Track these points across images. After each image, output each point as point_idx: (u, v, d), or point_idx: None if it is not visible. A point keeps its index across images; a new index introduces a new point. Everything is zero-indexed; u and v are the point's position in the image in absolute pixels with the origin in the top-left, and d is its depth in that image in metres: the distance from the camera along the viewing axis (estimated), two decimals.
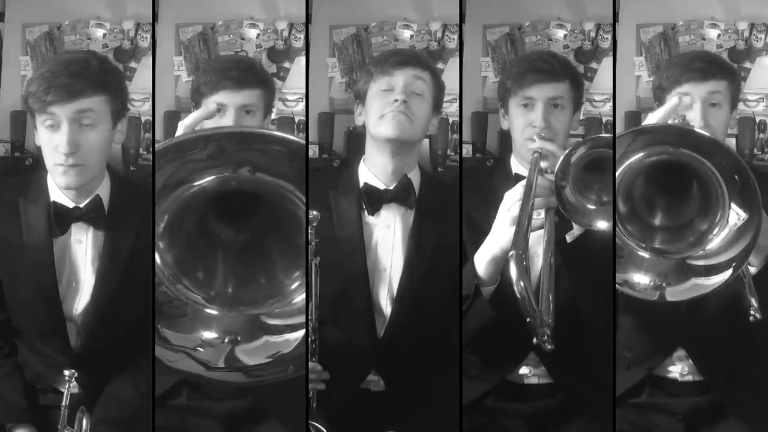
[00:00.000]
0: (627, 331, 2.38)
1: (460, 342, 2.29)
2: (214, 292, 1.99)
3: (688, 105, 2.27)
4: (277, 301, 1.99)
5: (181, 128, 2.16)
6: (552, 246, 2.12)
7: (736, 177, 2.03)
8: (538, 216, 2.15)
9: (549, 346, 1.90)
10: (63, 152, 2.20)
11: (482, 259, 2.20)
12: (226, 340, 1.95)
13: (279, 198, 1.91)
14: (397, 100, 2.35)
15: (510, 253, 1.92)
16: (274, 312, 1.98)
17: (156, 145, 2.41)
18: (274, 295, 1.99)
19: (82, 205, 2.30)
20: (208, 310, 1.97)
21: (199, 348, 1.94)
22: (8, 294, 2.33)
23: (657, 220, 2.22)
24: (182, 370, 1.95)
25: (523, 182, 2.16)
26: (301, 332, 1.97)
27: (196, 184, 1.89)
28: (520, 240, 1.98)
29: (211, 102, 2.38)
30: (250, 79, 2.41)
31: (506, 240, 2.13)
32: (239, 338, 1.95)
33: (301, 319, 1.98)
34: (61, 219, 2.30)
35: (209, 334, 1.95)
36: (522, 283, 1.87)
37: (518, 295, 1.87)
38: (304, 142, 1.91)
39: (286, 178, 1.88)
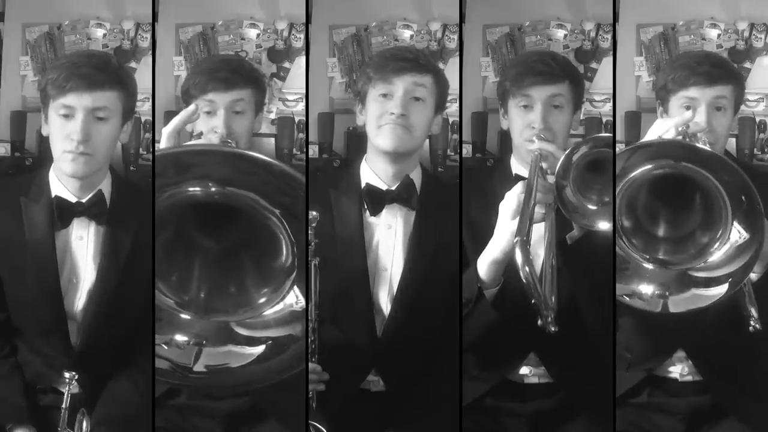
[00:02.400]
0: (627, 334, 2.38)
1: (460, 342, 2.29)
2: (187, 297, 2.03)
3: (691, 117, 2.27)
4: (245, 311, 2.02)
5: (164, 135, 2.20)
6: (554, 235, 2.16)
7: (743, 198, 2.02)
8: (540, 211, 2.16)
9: (553, 328, 1.97)
10: (76, 139, 2.23)
11: (484, 262, 2.20)
12: (192, 343, 1.99)
13: (255, 213, 1.93)
14: (394, 114, 2.34)
15: (515, 239, 1.99)
16: (245, 321, 2.01)
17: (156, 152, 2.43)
18: (244, 304, 2.02)
19: (84, 200, 2.32)
20: (183, 316, 2.01)
21: (164, 345, 1.98)
22: (9, 292, 2.33)
23: (660, 231, 2.22)
24: (162, 369, 1.99)
25: (524, 181, 2.18)
26: (260, 348, 1.99)
27: (169, 195, 1.92)
28: (524, 227, 2.03)
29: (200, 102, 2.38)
30: (238, 79, 2.40)
31: (506, 241, 2.14)
32: (205, 342, 1.99)
33: (267, 333, 2.00)
34: (63, 213, 2.31)
35: (180, 337, 2.00)
36: (527, 269, 1.94)
37: (523, 279, 1.94)
38: (279, 164, 1.93)
39: (259, 192, 1.90)
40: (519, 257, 1.95)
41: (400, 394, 2.40)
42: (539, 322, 1.98)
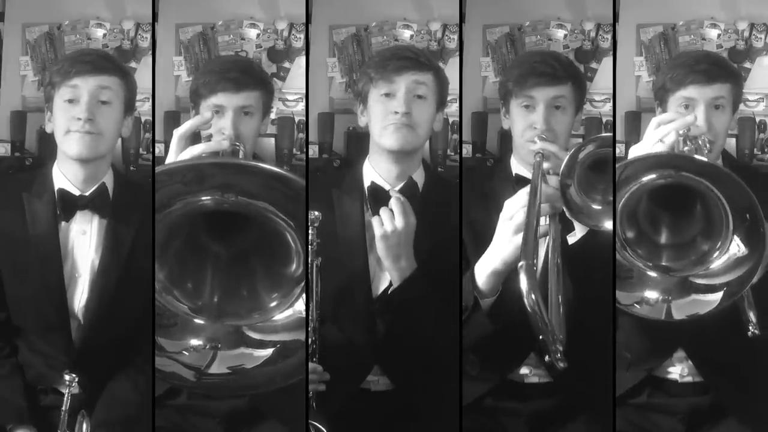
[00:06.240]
0: (627, 335, 2.38)
1: (460, 342, 2.29)
2: (201, 302, 2.06)
3: (693, 121, 2.27)
4: (258, 314, 2.04)
5: (176, 136, 2.23)
6: (558, 253, 2.05)
7: (748, 216, 2.02)
8: (544, 223, 2.11)
9: (561, 364, 1.83)
10: (82, 117, 2.30)
11: (483, 272, 2.17)
12: (208, 347, 2.02)
13: (267, 220, 1.95)
14: (397, 113, 2.35)
15: (519, 264, 1.79)
16: (256, 326, 2.03)
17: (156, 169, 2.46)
18: (256, 308, 2.05)
19: (87, 193, 2.35)
20: (196, 320, 2.04)
21: (184, 352, 2.02)
22: (10, 291, 2.35)
23: (662, 238, 2.22)
24: (175, 373, 2.02)
25: (526, 189, 2.11)
26: (270, 350, 2.02)
27: (180, 205, 1.94)
28: (529, 249, 1.85)
29: (209, 104, 2.38)
30: (248, 80, 2.41)
31: (508, 252, 2.10)
32: (220, 345, 2.02)
33: (277, 337, 2.03)
34: (66, 206, 2.35)
35: (195, 341, 2.03)
36: (533, 296, 1.74)
37: (529, 309, 1.75)
38: (285, 173, 1.95)
39: (270, 201, 1.92)
40: (524, 284, 1.75)
41: (400, 393, 2.40)
42: (546, 358, 1.84)
